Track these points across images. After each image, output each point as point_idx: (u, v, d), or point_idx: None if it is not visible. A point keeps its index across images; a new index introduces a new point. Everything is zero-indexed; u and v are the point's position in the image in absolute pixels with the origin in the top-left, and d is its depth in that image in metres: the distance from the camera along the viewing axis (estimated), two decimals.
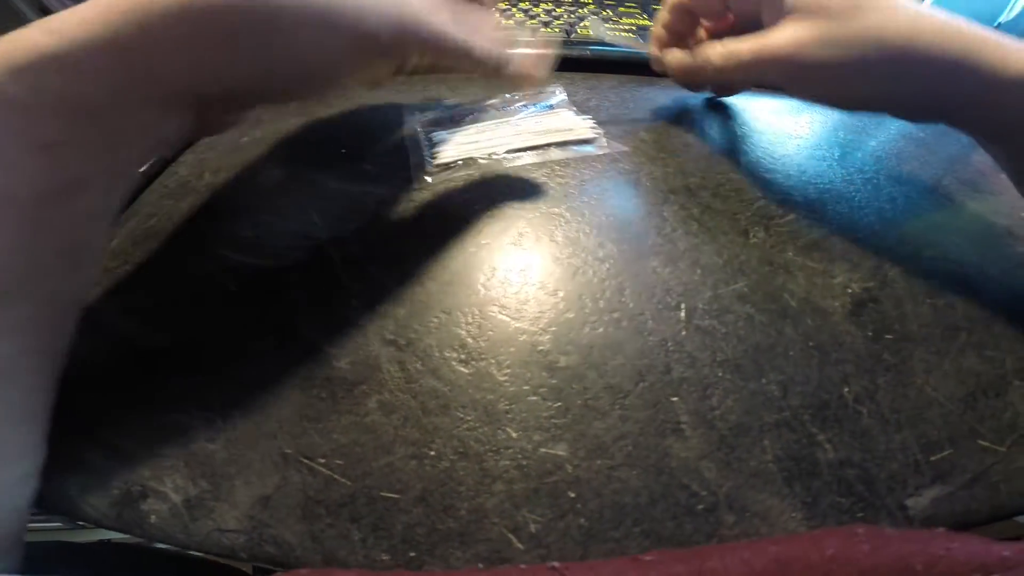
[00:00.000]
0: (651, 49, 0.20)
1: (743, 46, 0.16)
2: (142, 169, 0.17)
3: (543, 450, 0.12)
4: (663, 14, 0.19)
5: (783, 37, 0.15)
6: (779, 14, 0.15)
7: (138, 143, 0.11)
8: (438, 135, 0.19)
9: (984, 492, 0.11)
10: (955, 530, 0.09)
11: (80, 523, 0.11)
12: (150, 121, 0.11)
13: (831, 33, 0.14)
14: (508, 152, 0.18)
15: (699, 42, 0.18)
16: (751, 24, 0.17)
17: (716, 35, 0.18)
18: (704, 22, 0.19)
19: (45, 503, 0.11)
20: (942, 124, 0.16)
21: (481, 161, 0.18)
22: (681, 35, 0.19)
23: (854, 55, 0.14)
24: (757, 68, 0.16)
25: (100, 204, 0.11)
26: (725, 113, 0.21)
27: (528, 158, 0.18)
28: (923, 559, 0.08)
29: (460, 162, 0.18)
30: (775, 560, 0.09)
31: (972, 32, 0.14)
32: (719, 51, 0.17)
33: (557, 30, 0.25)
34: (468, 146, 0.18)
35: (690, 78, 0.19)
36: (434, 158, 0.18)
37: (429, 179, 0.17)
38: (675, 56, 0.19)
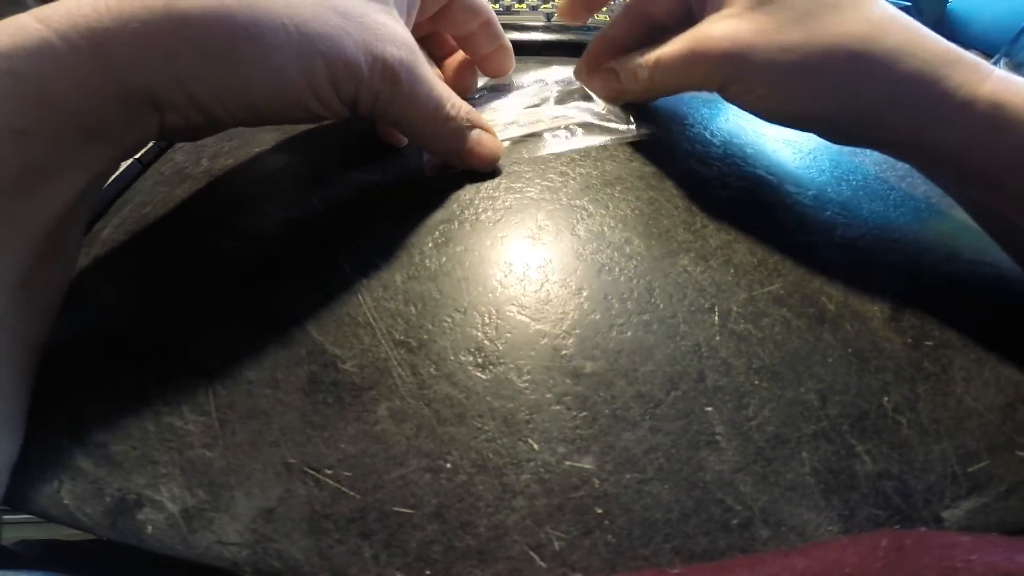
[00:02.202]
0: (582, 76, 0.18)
1: (672, 47, 0.14)
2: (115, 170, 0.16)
3: (568, 463, 0.11)
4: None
5: (723, 30, 0.13)
6: (718, 2, 0.13)
7: (105, 140, 0.11)
8: None
9: (1019, 503, 0.11)
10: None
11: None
12: (118, 120, 0.10)
13: (783, 30, 0.12)
14: (528, 137, 0.17)
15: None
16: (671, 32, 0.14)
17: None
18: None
19: (37, 509, 0.10)
20: (875, 150, 0.14)
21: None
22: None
23: (807, 57, 0.12)
24: (690, 71, 0.14)
25: (69, 196, 0.10)
26: None
27: (550, 144, 0.17)
28: (937, 571, 0.08)
29: None
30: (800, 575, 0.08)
31: (939, 46, 0.12)
32: (645, 59, 0.15)
33: None
34: None
35: (620, 98, 0.17)
36: None
37: (441, 166, 0.16)
38: (599, 81, 0.16)
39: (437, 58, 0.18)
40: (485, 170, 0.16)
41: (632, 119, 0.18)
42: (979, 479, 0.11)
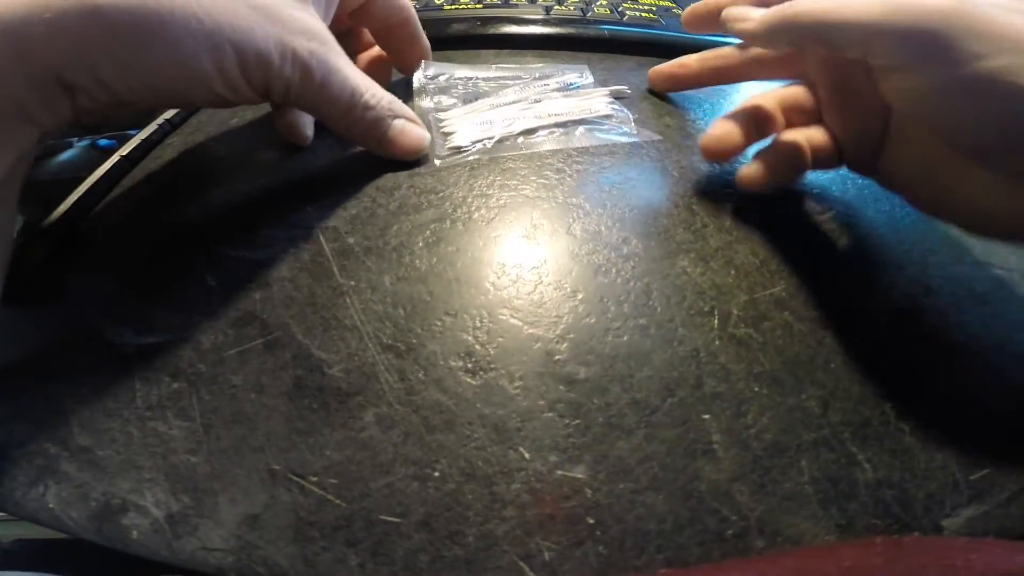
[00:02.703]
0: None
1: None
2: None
3: (559, 472, 0.11)
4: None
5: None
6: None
7: (22, 121, 0.11)
8: (450, 115, 0.17)
9: (1020, 511, 0.11)
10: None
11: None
12: (31, 102, 0.11)
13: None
14: (525, 135, 0.16)
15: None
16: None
17: None
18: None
19: (23, 512, 0.10)
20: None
21: (495, 144, 0.16)
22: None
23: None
24: (883, 22, 0.10)
25: None
26: None
27: (548, 142, 0.17)
28: (938, 570, 0.08)
29: (473, 145, 0.16)
30: (793, 570, 0.08)
31: None
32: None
33: (571, 8, 0.24)
34: (482, 127, 0.17)
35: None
36: (445, 141, 0.16)
37: (438, 163, 0.16)
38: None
39: (352, 52, 0.18)
40: (408, 159, 0.16)
41: (633, 121, 0.17)
42: (981, 487, 0.11)
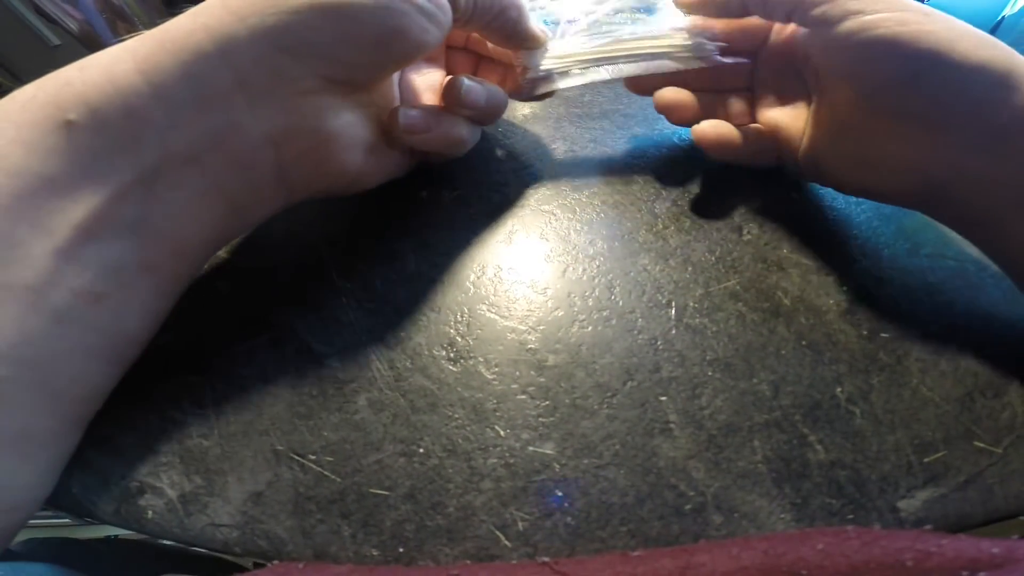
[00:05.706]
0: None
1: None
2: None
3: (531, 448, 0.12)
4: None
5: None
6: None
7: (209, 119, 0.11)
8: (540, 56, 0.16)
9: (978, 495, 0.11)
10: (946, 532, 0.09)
11: (86, 520, 0.12)
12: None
13: None
14: (600, 61, 0.15)
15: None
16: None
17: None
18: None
19: (50, 500, 0.11)
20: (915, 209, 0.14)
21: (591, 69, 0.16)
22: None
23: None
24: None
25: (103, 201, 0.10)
26: None
27: (625, 70, 0.16)
28: (913, 555, 0.08)
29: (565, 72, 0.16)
30: (764, 553, 0.09)
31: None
32: None
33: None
34: (573, 51, 0.16)
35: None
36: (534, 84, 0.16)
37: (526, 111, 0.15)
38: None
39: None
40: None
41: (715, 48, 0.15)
42: (936, 469, 0.12)
